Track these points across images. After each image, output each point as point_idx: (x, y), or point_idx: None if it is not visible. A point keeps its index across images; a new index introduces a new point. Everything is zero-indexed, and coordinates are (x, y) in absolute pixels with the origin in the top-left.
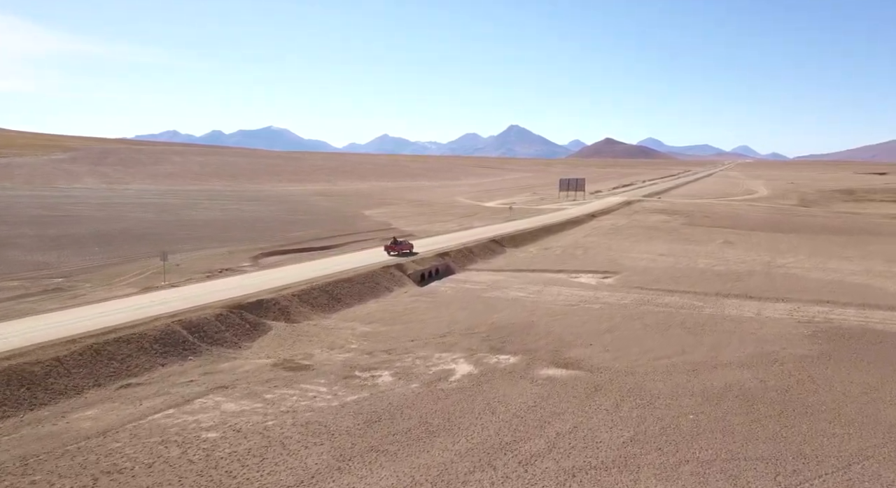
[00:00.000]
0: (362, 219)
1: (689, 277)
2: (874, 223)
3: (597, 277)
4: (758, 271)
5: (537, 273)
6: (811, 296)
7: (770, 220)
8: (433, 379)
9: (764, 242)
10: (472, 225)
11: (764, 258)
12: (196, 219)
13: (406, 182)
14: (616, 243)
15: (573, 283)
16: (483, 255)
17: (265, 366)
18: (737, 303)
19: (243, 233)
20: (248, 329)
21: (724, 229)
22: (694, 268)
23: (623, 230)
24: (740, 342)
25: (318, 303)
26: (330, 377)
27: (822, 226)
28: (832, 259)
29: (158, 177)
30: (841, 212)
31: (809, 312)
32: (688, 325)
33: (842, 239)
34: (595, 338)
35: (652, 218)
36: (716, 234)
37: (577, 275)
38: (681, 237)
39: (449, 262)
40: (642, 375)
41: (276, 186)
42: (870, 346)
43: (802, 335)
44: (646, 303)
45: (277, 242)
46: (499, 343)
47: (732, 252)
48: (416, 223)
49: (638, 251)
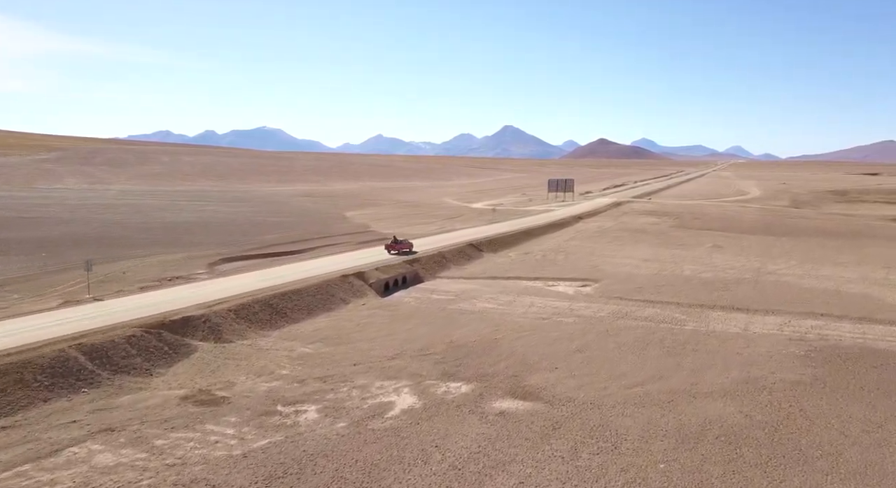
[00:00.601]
0: (342, 221)
1: (673, 286)
2: (869, 225)
3: (575, 286)
4: (747, 279)
5: (512, 281)
6: (803, 307)
7: (761, 222)
8: (366, 416)
9: (754, 246)
10: (454, 227)
11: (754, 264)
12: (166, 221)
13: (397, 182)
14: (600, 247)
15: (549, 293)
16: (458, 261)
17: (172, 400)
18: (723, 316)
19: (211, 237)
20: (165, 352)
21: (714, 232)
22: (679, 275)
23: (609, 233)
24: (724, 364)
25: (257, 319)
26: (244, 414)
27: (815, 228)
28: (826, 264)
29: (144, 177)
30: (834, 214)
31: (802, 327)
32: (667, 344)
33: (836, 242)
34: (562, 360)
35: (640, 220)
36: (705, 238)
37: (554, 284)
38: (668, 241)
39: (418, 270)
40: (610, 408)
41: (263, 187)
42: (870, 370)
43: (794, 356)
44: (624, 316)
45: (244, 246)
46: (453, 366)
47: (721, 257)
48: (397, 225)
49: (622, 256)
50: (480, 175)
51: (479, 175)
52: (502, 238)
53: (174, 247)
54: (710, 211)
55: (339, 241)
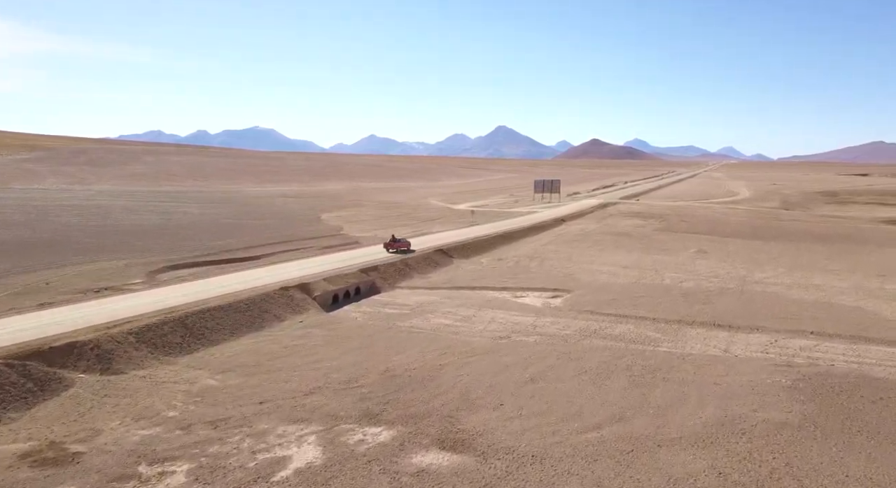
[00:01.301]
0: (315, 223)
1: (651, 297)
2: (861, 229)
3: (545, 297)
4: (731, 289)
5: (478, 291)
6: (792, 323)
7: (749, 225)
8: (247, 481)
9: (741, 251)
10: (431, 230)
11: (739, 271)
12: (128, 224)
13: (387, 182)
14: (578, 253)
15: (514, 306)
16: (423, 269)
17: (6, 460)
18: (702, 334)
19: (168, 241)
20: (28, 390)
21: (700, 235)
22: (659, 284)
23: (590, 236)
24: (699, 398)
25: (165, 343)
26: (89, 480)
27: (804, 232)
28: (816, 272)
29: (126, 177)
30: (825, 216)
31: (789, 348)
32: (635, 371)
33: (827, 247)
34: (511, 394)
35: (625, 222)
36: (690, 242)
37: (522, 294)
38: (651, 245)
39: (374, 280)
40: (555, 463)
41: (248, 187)
42: (867, 407)
43: (780, 387)
44: (592, 334)
45: (199, 252)
46: (379, 404)
47: (705, 264)
48: (371, 228)
49: (600, 262)
50: (472, 175)
51: (471, 175)
52: (477, 242)
53: (122, 252)
54: (698, 213)
55: (305, 246)
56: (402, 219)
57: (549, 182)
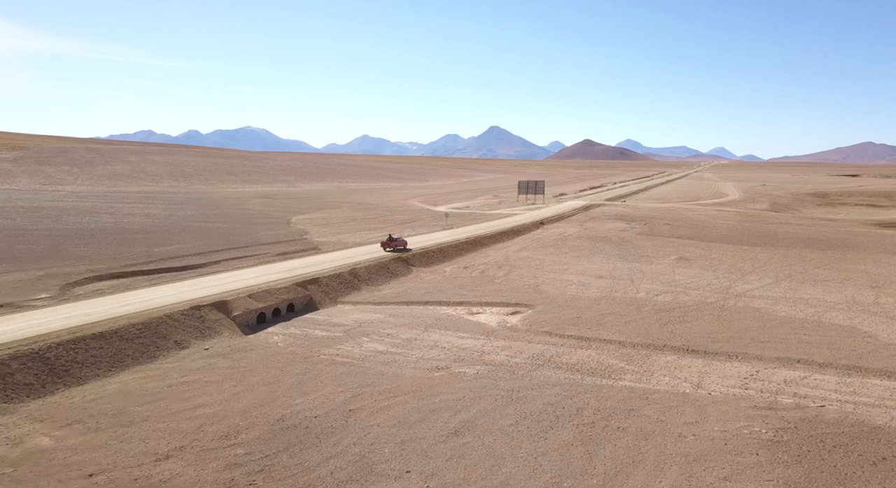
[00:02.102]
0: (281, 226)
1: (620, 314)
2: (853, 233)
3: (503, 313)
4: (710, 304)
5: (431, 307)
6: (777, 349)
7: (736, 229)
8: None
9: (725, 259)
10: (401, 234)
11: (722, 282)
12: (73, 227)
13: (373, 183)
14: (552, 260)
15: (466, 325)
16: (374, 280)
17: None
18: (672, 362)
19: (106, 247)
20: None
21: (683, 240)
22: (633, 298)
23: (568, 241)
24: (657, 461)
25: (10, 384)
26: None
27: (794, 236)
28: (805, 283)
29: (102, 177)
30: (815, 219)
31: (773, 382)
32: (586, 417)
33: (817, 254)
34: (424, 454)
35: (607, 226)
36: (672, 248)
37: (479, 311)
38: (630, 251)
39: (313, 294)
40: None
41: (227, 188)
42: (868, 471)
43: (759, 442)
44: (545, 363)
45: (135, 260)
46: (250, 474)
47: (685, 273)
48: (338, 232)
49: (573, 271)
50: (461, 176)
51: (461, 175)
52: (444, 248)
53: (50, 260)
54: (684, 215)
55: (258, 253)
56: (376, 221)
57: (534, 183)
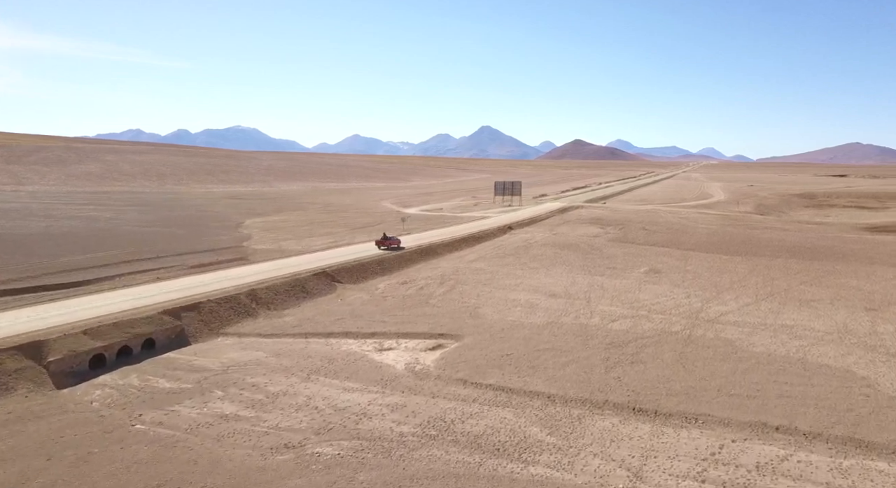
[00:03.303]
0: (227, 231)
1: (561, 351)
2: (842, 239)
3: (421, 348)
4: (675, 333)
5: (335, 339)
6: (750, 407)
7: (717, 234)
8: None
9: (701, 271)
10: (353, 240)
11: (693, 302)
12: None
13: (354, 183)
14: (505, 273)
15: (363, 370)
16: (278, 303)
17: None
18: (610, 430)
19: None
20: None
21: (658, 248)
22: (584, 325)
23: (531, 249)
24: None
25: None
26: None
27: (778, 243)
28: (790, 304)
29: (72, 177)
30: (802, 222)
31: (741, 468)
32: None
33: (803, 265)
34: None
35: (579, 230)
36: (644, 257)
37: (393, 345)
38: (597, 261)
39: (186, 325)
40: None
41: (200, 188)
42: None
43: None
44: (439, 434)
45: (20, 273)
46: None
47: (653, 290)
48: (285, 237)
49: (525, 287)
50: (449, 176)
51: (448, 176)
52: (387, 259)
53: None
54: (663, 219)
55: (174, 264)
56: (333, 225)
57: (510, 184)
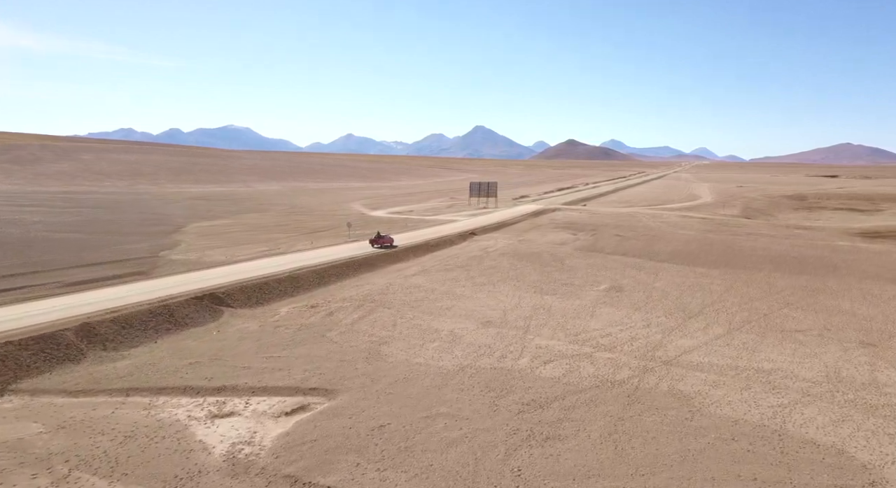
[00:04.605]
0: (153, 238)
1: (458, 418)
2: (833, 248)
3: (274, 412)
4: (618, 385)
5: (165, 396)
6: None
7: (696, 242)
8: None
9: (670, 289)
10: (291, 249)
11: (652, 334)
12: None
13: (337, 183)
14: (444, 291)
15: (166, 454)
16: (125, 339)
17: None
18: None
19: None
20: None
21: (628, 258)
22: (506, 371)
23: (485, 260)
24: None
25: None
26: None
27: (762, 253)
28: (769, 337)
29: (40, 176)
30: (791, 227)
31: None
32: None
33: (788, 281)
34: None
35: (548, 237)
36: (609, 271)
37: (238, 405)
38: (554, 276)
39: None
40: None
41: (172, 188)
42: None
43: None
44: None
45: None
46: None
47: (608, 315)
48: (218, 245)
49: (456, 312)
50: (437, 175)
51: (436, 175)
52: (302, 276)
53: None
54: (642, 223)
55: (47, 281)
56: (283, 230)
57: (486, 185)
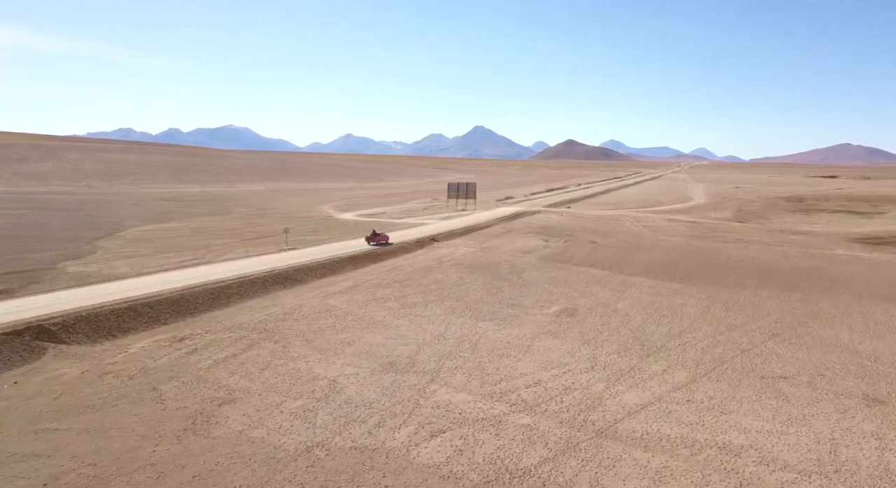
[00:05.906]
0: (68, 244)
1: None
2: (830, 258)
3: None
4: (522, 474)
5: None
6: None
7: (678, 250)
8: None
9: (634, 314)
10: (219, 258)
11: (593, 383)
12: None
13: (325, 183)
14: (359, 315)
15: None
16: None
17: None
18: None
19: None
20: None
21: (596, 271)
22: (375, 452)
23: (432, 273)
24: None
25: None
26: None
27: (750, 264)
28: (745, 388)
29: (19, 176)
30: (785, 231)
31: None
32: None
33: (776, 301)
34: None
35: (515, 243)
36: (568, 287)
37: None
38: (502, 294)
39: None
40: None
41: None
42: None
43: None
44: None
45: None
46: None
47: (546, 353)
48: (142, 253)
49: (357, 348)
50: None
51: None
52: (194, 296)
53: None
54: (623, 228)
55: None
56: (232, 235)
57: (465, 186)
